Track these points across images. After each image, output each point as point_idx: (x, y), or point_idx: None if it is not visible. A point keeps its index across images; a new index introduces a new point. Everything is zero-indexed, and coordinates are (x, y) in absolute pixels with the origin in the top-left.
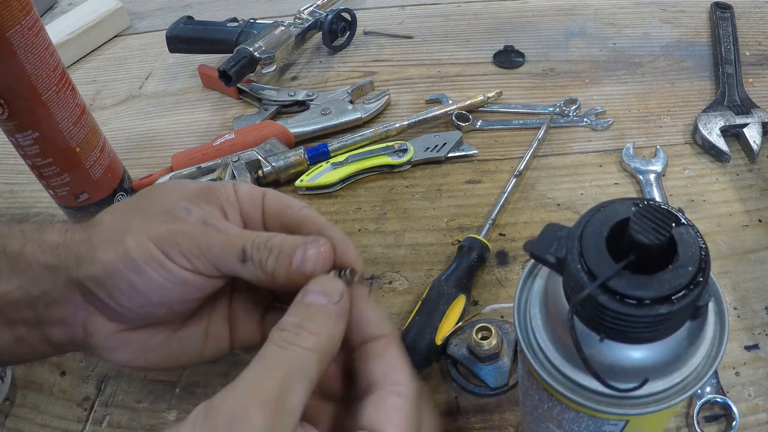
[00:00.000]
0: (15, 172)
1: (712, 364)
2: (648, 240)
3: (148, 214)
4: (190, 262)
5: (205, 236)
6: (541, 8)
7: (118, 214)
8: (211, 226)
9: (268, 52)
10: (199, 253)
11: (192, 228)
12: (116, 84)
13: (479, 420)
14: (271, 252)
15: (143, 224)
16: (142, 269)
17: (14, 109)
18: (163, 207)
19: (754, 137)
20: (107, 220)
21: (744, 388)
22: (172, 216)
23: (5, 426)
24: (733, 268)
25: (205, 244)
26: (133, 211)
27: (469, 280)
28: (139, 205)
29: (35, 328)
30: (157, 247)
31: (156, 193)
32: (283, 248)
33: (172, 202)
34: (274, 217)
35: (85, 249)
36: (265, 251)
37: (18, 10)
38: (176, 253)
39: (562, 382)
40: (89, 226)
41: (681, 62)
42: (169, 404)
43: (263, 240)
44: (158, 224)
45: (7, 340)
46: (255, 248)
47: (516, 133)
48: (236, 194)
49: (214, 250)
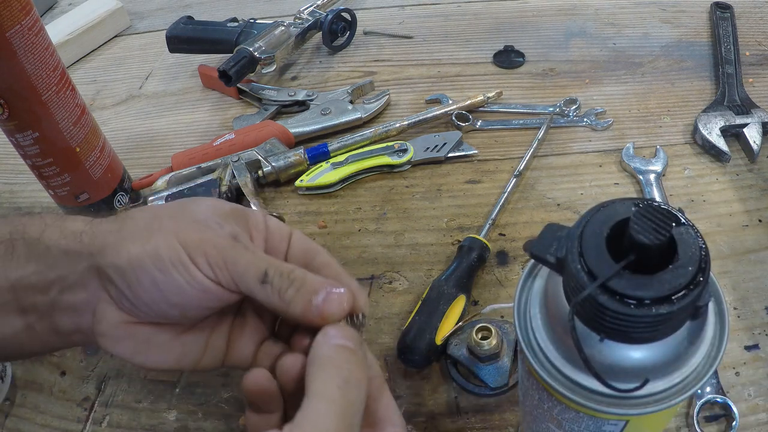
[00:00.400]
0: (15, 172)
1: (712, 364)
2: (648, 240)
3: (180, 220)
4: (214, 272)
5: (233, 250)
6: (541, 8)
7: (150, 213)
8: (240, 243)
9: (268, 52)
10: (224, 265)
11: (222, 240)
12: (116, 84)
13: (479, 420)
14: (293, 283)
15: (175, 227)
16: (167, 269)
17: (14, 109)
18: (196, 217)
19: (754, 137)
20: (140, 216)
21: (744, 388)
22: (205, 226)
23: (5, 426)
24: (733, 268)
25: (231, 258)
26: (167, 214)
27: (469, 280)
28: (173, 212)
29: (45, 315)
30: (185, 251)
31: (191, 204)
32: (306, 283)
33: (205, 215)
34: (297, 257)
35: (114, 239)
36: (287, 280)
37: (18, 10)
38: (202, 261)
39: (562, 382)
40: (120, 219)
41: (681, 62)
42: (169, 404)
43: (287, 269)
44: (190, 231)
45: (17, 328)
46: (277, 274)
47: (516, 133)
48: (266, 223)
49: (239, 266)
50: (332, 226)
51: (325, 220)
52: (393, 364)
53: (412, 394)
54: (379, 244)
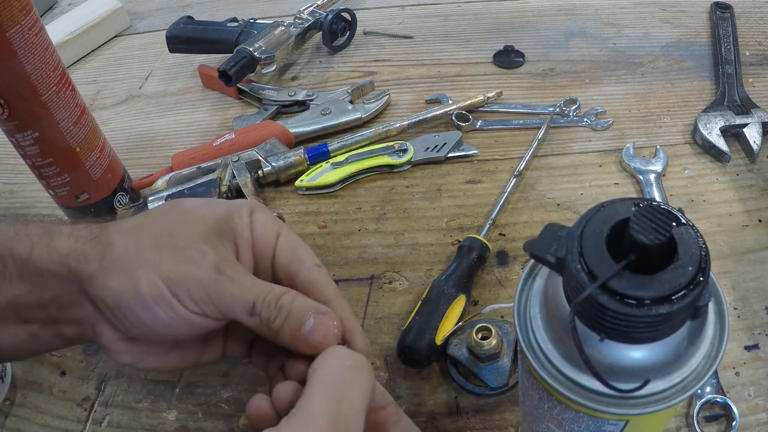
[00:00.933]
0: (15, 172)
1: (712, 364)
2: (648, 240)
3: (161, 247)
4: (199, 307)
5: (217, 285)
6: (541, 8)
7: (131, 237)
8: (224, 276)
9: (268, 52)
10: (209, 300)
11: (204, 274)
12: (116, 84)
13: (479, 420)
14: (279, 311)
15: (156, 258)
16: (150, 306)
17: (14, 109)
18: (178, 243)
19: (754, 137)
20: (120, 242)
21: (744, 388)
22: (186, 257)
23: (5, 426)
24: (733, 268)
25: (216, 294)
26: (147, 239)
27: (469, 280)
28: (155, 232)
29: (48, 325)
30: (167, 288)
31: (172, 219)
32: (293, 311)
33: (187, 238)
34: (283, 264)
35: (97, 269)
36: (274, 310)
37: (18, 10)
38: (186, 297)
39: (562, 382)
40: (102, 244)
41: (681, 62)
42: (169, 404)
43: (274, 298)
44: (171, 263)
45: (22, 337)
46: (265, 305)
47: (516, 133)
48: (251, 227)
49: (224, 300)
50: (332, 226)
51: (325, 220)
52: (393, 364)
53: (412, 394)
54: (379, 244)
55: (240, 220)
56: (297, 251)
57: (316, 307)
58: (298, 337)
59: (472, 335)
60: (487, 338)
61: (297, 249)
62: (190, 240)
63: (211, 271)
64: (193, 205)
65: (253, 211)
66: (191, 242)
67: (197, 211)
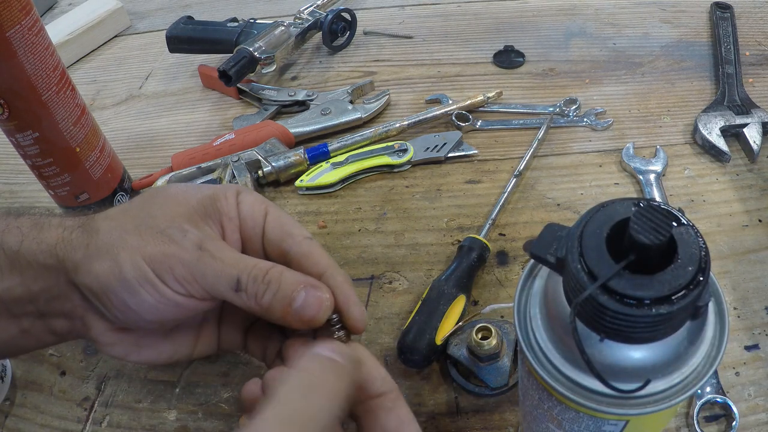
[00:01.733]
0: (15, 172)
1: (712, 364)
2: (648, 240)
3: (144, 229)
4: (183, 287)
5: (199, 263)
6: (541, 8)
7: (115, 222)
8: (206, 252)
9: (268, 52)
10: (192, 279)
11: (186, 253)
12: (116, 84)
13: (479, 420)
14: (268, 286)
15: (138, 241)
16: (134, 289)
17: (14, 109)
18: (160, 224)
19: (754, 137)
20: (104, 228)
21: (744, 388)
22: (168, 237)
23: (5, 426)
24: (733, 268)
25: (199, 271)
26: (131, 222)
27: (469, 280)
28: (138, 215)
29: (39, 319)
30: (150, 269)
31: (156, 202)
32: (282, 285)
33: (169, 218)
34: (273, 242)
35: (82, 257)
36: (262, 285)
37: (18, 10)
38: (169, 278)
39: (562, 382)
40: (87, 231)
41: (681, 62)
42: (169, 404)
43: (260, 272)
44: (153, 243)
45: (13, 333)
46: (251, 280)
47: (516, 133)
48: (238, 208)
49: (208, 278)
50: (332, 226)
51: (325, 220)
52: (393, 364)
53: (412, 394)
54: (379, 244)
55: (225, 201)
56: (286, 227)
57: (305, 281)
58: (290, 312)
59: (472, 335)
60: (487, 338)
61: (286, 224)
62: (172, 220)
63: (193, 249)
64: (178, 188)
65: (239, 192)
66: (173, 222)
67: (181, 194)
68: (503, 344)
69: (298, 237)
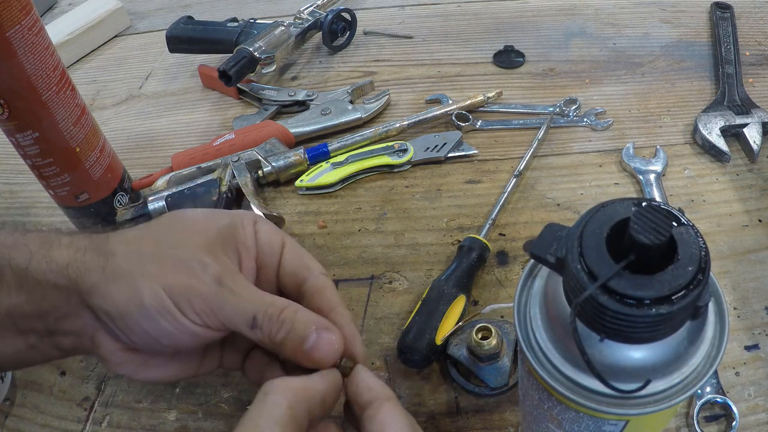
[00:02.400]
0: (15, 172)
1: (712, 364)
2: (648, 240)
3: (164, 257)
4: (201, 319)
5: (218, 297)
6: (541, 8)
7: (133, 247)
8: (225, 287)
9: (268, 52)
10: (211, 312)
11: (206, 287)
12: (116, 84)
13: (479, 420)
14: (282, 325)
15: (158, 270)
16: (153, 317)
17: (14, 109)
18: (179, 254)
19: (754, 137)
20: (122, 252)
21: (744, 388)
22: (188, 268)
23: (5, 426)
24: (733, 268)
25: (217, 306)
26: (149, 249)
27: (469, 280)
28: (156, 243)
29: (46, 336)
30: (170, 299)
31: (175, 229)
32: (296, 326)
33: (189, 248)
34: (289, 273)
35: (98, 279)
36: (276, 323)
37: (18, 10)
38: (188, 309)
39: (562, 382)
40: (102, 254)
41: (681, 62)
42: (169, 404)
43: (275, 311)
44: (173, 274)
45: (20, 347)
46: (266, 318)
47: (516, 133)
48: (255, 237)
49: (226, 313)
50: (332, 226)
51: (325, 220)
52: (393, 364)
53: (412, 394)
54: (379, 244)
55: (243, 230)
56: (303, 259)
57: (318, 322)
58: (300, 351)
59: (472, 335)
60: (487, 338)
61: (303, 258)
62: (192, 251)
63: (212, 283)
64: (195, 215)
65: (256, 221)
66: (193, 253)
67: (199, 222)
68: (503, 344)
69: (315, 271)
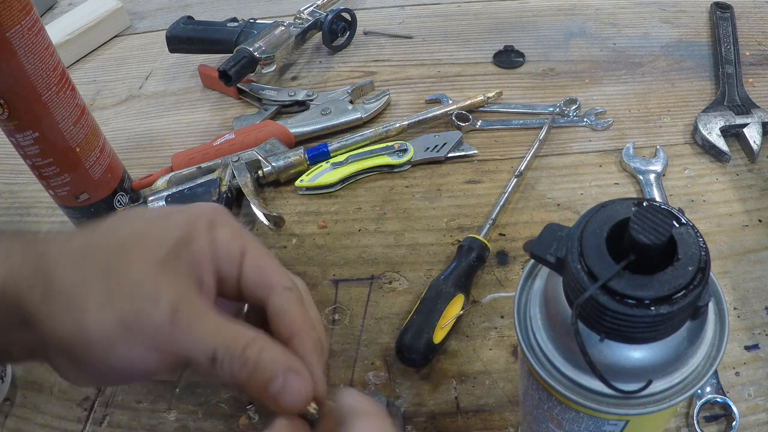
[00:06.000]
0: (15, 172)
1: (712, 364)
2: (648, 240)
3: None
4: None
5: (174, 330)
6: (541, 8)
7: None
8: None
9: (268, 52)
10: (166, 349)
11: (160, 319)
12: (116, 84)
13: (479, 420)
14: (245, 364)
15: (105, 300)
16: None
17: (14, 109)
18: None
19: (754, 137)
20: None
21: (744, 388)
22: (139, 296)
23: (5, 426)
24: (733, 268)
25: (173, 340)
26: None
27: (468, 280)
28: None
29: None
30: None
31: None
32: (261, 365)
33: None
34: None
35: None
36: (238, 361)
37: (18, 10)
38: (140, 346)
39: (562, 382)
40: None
41: (681, 62)
42: (169, 404)
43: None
44: (121, 303)
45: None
46: (227, 355)
47: (516, 133)
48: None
49: (182, 346)
50: (332, 226)
51: (325, 220)
52: (393, 364)
53: (412, 394)
54: (379, 244)
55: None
56: (265, 273)
57: (286, 364)
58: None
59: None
60: None
61: (265, 269)
62: (144, 272)
63: (167, 314)
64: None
65: (213, 226)
66: (145, 275)
67: (151, 236)
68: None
69: (277, 288)
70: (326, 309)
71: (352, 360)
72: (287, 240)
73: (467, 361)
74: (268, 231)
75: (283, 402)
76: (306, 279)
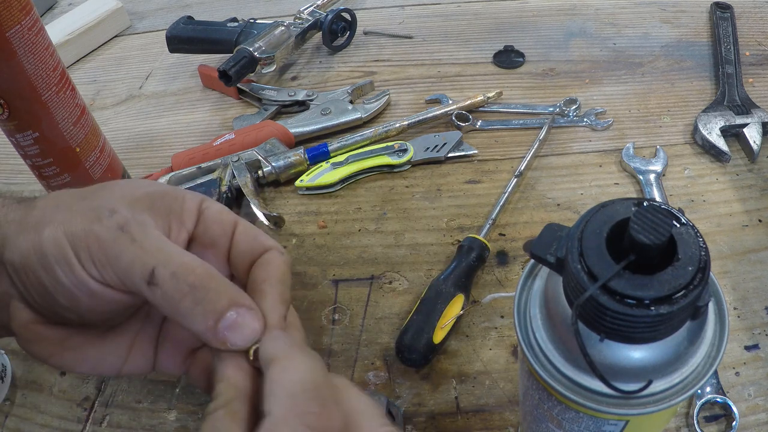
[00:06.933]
0: (15, 172)
1: (712, 364)
2: (648, 240)
3: (77, 207)
4: (98, 271)
5: (116, 244)
6: (541, 8)
7: (52, 200)
8: (125, 234)
9: (268, 52)
10: (107, 262)
11: (105, 232)
12: (116, 84)
13: (479, 420)
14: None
15: (66, 217)
16: (51, 267)
17: (14, 109)
18: (93, 203)
19: (754, 137)
20: (41, 204)
21: (744, 388)
22: (95, 215)
23: (5, 426)
24: (733, 268)
25: (113, 253)
26: (68, 201)
27: (467, 280)
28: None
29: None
30: (70, 246)
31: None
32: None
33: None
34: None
35: (14, 231)
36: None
37: (18, 10)
38: (86, 258)
39: (562, 382)
40: (26, 207)
41: (681, 62)
42: (169, 404)
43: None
44: (79, 220)
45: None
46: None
47: (516, 133)
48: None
49: (122, 263)
50: (332, 226)
51: (325, 220)
52: (393, 364)
53: (412, 394)
54: (379, 244)
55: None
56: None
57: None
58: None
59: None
60: None
61: (259, 235)
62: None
63: (113, 228)
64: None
65: (204, 200)
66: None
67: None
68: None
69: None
70: (326, 309)
71: (352, 360)
72: (287, 240)
73: (467, 361)
74: (268, 231)
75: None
76: (306, 279)
